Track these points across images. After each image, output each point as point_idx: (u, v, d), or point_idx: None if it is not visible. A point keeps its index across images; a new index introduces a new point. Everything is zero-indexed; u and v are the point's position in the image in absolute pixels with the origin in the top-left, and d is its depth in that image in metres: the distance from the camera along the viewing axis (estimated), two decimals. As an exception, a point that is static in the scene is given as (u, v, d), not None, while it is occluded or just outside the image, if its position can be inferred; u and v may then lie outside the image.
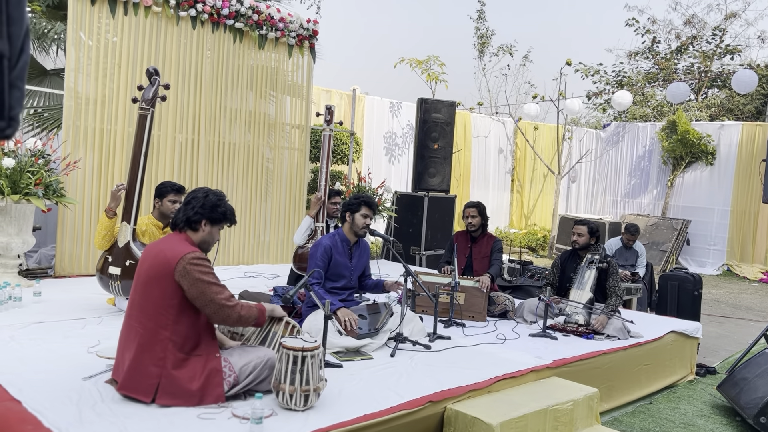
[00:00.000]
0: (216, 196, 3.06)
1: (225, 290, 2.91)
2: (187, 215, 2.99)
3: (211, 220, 3.01)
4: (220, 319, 2.90)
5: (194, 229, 3.00)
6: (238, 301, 2.96)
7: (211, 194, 3.05)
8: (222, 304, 2.86)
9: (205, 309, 2.86)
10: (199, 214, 2.98)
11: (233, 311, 2.90)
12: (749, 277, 11.99)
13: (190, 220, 2.99)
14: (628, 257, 7.44)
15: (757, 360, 4.44)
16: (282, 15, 7.28)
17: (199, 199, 3.01)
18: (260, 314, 3.05)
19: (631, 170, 14.53)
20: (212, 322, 2.94)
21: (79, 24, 5.92)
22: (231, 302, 2.90)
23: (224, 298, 2.88)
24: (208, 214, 2.99)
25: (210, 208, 3.00)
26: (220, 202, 3.03)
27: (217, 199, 3.04)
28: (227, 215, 3.06)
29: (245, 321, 2.98)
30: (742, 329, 7.44)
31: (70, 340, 3.76)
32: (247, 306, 2.99)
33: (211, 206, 3.00)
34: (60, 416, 2.64)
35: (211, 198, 3.02)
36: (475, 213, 5.53)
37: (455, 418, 3.17)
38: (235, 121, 7.10)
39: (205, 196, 3.03)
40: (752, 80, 10.18)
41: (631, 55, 18.83)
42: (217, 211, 3.02)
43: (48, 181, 5.13)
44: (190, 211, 2.99)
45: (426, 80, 14.71)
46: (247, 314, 2.97)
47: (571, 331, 4.74)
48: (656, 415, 4.35)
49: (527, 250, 13.50)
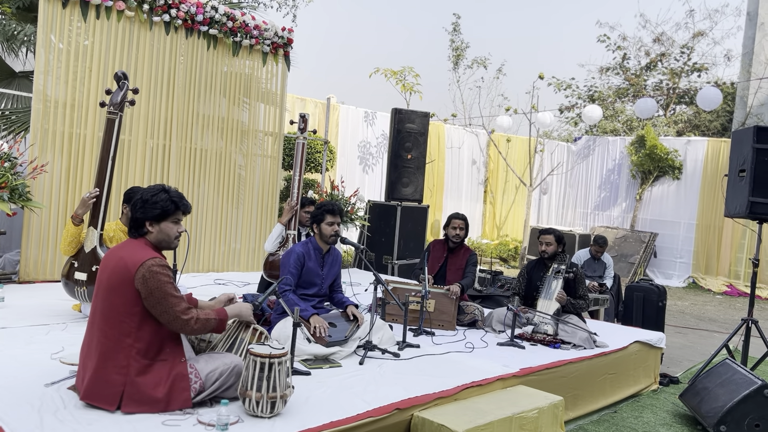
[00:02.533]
0: (149, 191, 2.95)
1: (182, 302, 2.86)
2: (131, 219, 2.94)
3: (153, 217, 2.91)
4: (175, 329, 2.87)
5: (143, 233, 2.94)
6: (194, 314, 2.89)
7: (144, 192, 2.95)
8: (177, 316, 2.82)
9: (161, 317, 2.82)
10: (138, 218, 2.92)
11: (187, 325, 2.86)
12: (714, 290, 12.25)
13: (135, 225, 2.94)
14: (596, 268, 7.57)
15: (718, 370, 4.56)
16: (257, 23, 7.28)
17: (135, 201, 2.94)
18: (218, 324, 3.00)
19: (601, 183, 14.78)
20: (170, 329, 2.91)
21: (50, 26, 5.85)
22: (187, 315, 2.85)
23: (180, 310, 2.83)
24: (145, 214, 2.91)
25: (143, 208, 2.91)
26: (152, 197, 2.92)
27: (150, 195, 2.93)
28: (166, 206, 2.92)
29: (201, 330, 2.94)
30: (705, 340, 7.60)
31: (33, 346, 3.69)
32: (203, 320, 2.92)
33: (143, 204, 2.91)
34: (21, 423, 2.60)
35: (143, 196, 2.93)
36: (462, 225, 5.57)
37: (422, 425, 3.19)
38: (207, 127, 7.06)
39: (139, 197, 2.94)
40: (716, 97, 10.47)
41: (602, 71, 19.21)
42: (153, 207, 2.90)
43: (14, 185, 5.05)
44: (133, 214, 2.93)
45: (401, 90, 14.81)
46: (201, 327, 2.92)
47: (538, 340, 4.80)
48: (620, 423, 4.42)
49: (499, 260, 13.63)
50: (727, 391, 4.23)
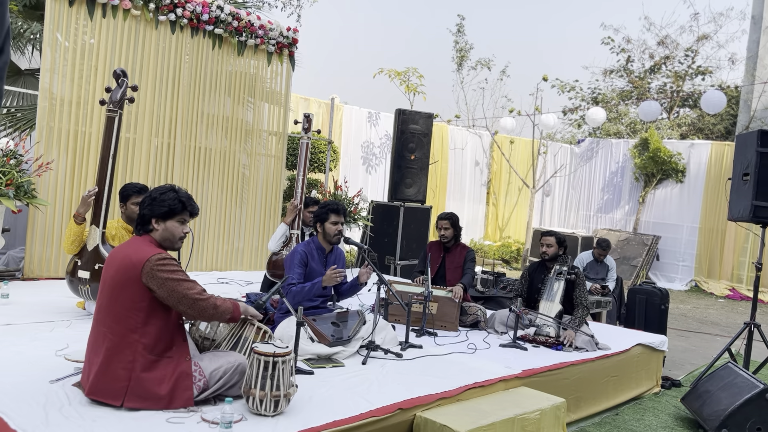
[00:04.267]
0: (157, 190, 3.00)
1: (196, 285, 2.90)
2: (139, 217, 2.99)
3: (160, 215, 2.95)
4: (196, 313, 2.88)
5: (149, 231, 2.98)
6: (212, 294, 2.95)
7: (153, 191, 3.01)
8: (195, 298, 2.85)
9: (179, 306, 2.84)
10: (145, 215, 2.96)
11: (208, 303, 2.89)
12: (716, 293, 12.24)
13: (142, 222, 2.98)
14: (599, 271, 7.57)
15: (720, 373, 4.56)
16: (262, 22, 7.30)
17: (144, 198, 3.00)
18: (235, 308, 3.04)
19: (604, 186, 14.77)
20: (187, 318, 2.93)
21: (56, 25, 5.87)
22: (204, 295, 2.89)
23: (196, 292, 2.86)
24: (152, 211, 2.95)
25: (151, 205, 2.95)
26: (160, 195, 2.96)
27: (158, 193, 2.98)
28: (173, 205, 2.96)
29: (221, 313, 2.96)
30: (707, 344, 7.60)
31: (38, 343, 3.71)
32: (221, 299, 2.98)
33: (151, 201, 2.96)
34: (26, 419, 2.61)
35: (152, 194, 2.99)
36: (447, 225, 5.59)
37: (424, 425, 3.20)
38: (212, 126, 7.08)
39: (148, 195, 3.00)
40: (720, 101, 10.46)
41: (606, 73, 19.20)
42: (160, 204, 2.94)
43: (19, 182, 5.07)
44: (140, 212, 2.99)
45: (404, 91, 14.83)
46: (223, 305, 2.95)
47: (540, 342, 4.81)
48: (622, 426, 4.43)
49: (501, 262, 13.63)
50: (729, 395, 4.23)
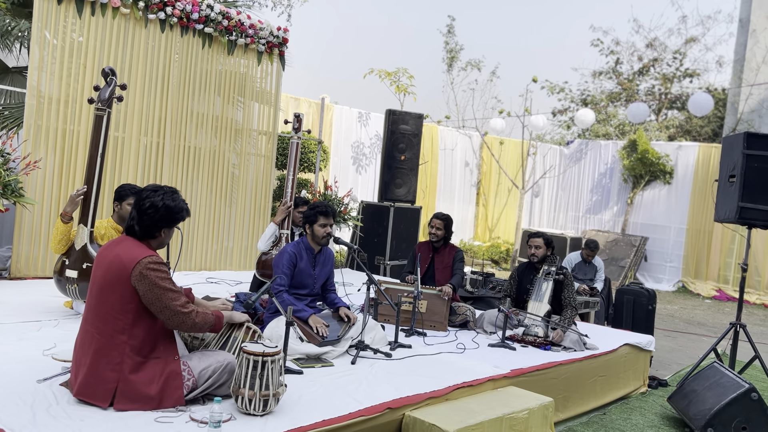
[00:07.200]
0: (172, 200, 2.93)
1: (181, 296, 2.88)
2: (144, 225, 2.90)
3: (170, 225, 2.97)
4: (175, 325, 2.88)
5: (153, 237, 2.96)
6: (194, 308, 2.92)
7: (167, 199, 2.92)
8: (177, 311, 2.83)
9: (160, 314, 2.83)
10: (157, 227, 2.92)
11: (188, 318, 2.87)
12: (703, 294, 12.35)
13: (150, 231, 2.92)
14: (587, 272, 7.61)
15: (706, 373, 4.60)
16: (252, 22, 7.29)
17: (158, 209, 2.89)
18: (216, 321, 3.02)
19: (592, 187, 14.86)
20: (168, 327, 2.92)
21: (45, 22, 5.84)
22: (186, 309, 2.87)
23: (180, 305, 2.84)
24: (168, 223, 2.95)
25: (168, 218, 2.93)
26: (176, 206, 2.94)
27: (174, 204, 2.93)
28: (183, 215, 2.99)
29: (200, 328, 2.95)
30: (694, 344, 7.67)
31: (25, 343, 3.68)
32: (202, 314, 2.95)
33: (168, 211, 2.91)
34: (13, 418, 2.60)
35: (167, 204, 2.91)
36: (440, 225, 5.60)
37: (413, 424, 3.22)
38: (201, 125, 7.06)
39: (163, 204, 2.90)
40: (708, 103, 10.55)
41: (595, 75, 19.33)
42: (176, 216, 2.95)
43: (6, 181, 5.03)
44: (148, 220, 2.89)
45: (395, 92, 14.81)
46: (202, 321, 2.93)
47: (529, 342, 4.83)
48: (609, 425, 4.46)
49: (490, 262, 13.67)
50: (715, 394, 4.27)
